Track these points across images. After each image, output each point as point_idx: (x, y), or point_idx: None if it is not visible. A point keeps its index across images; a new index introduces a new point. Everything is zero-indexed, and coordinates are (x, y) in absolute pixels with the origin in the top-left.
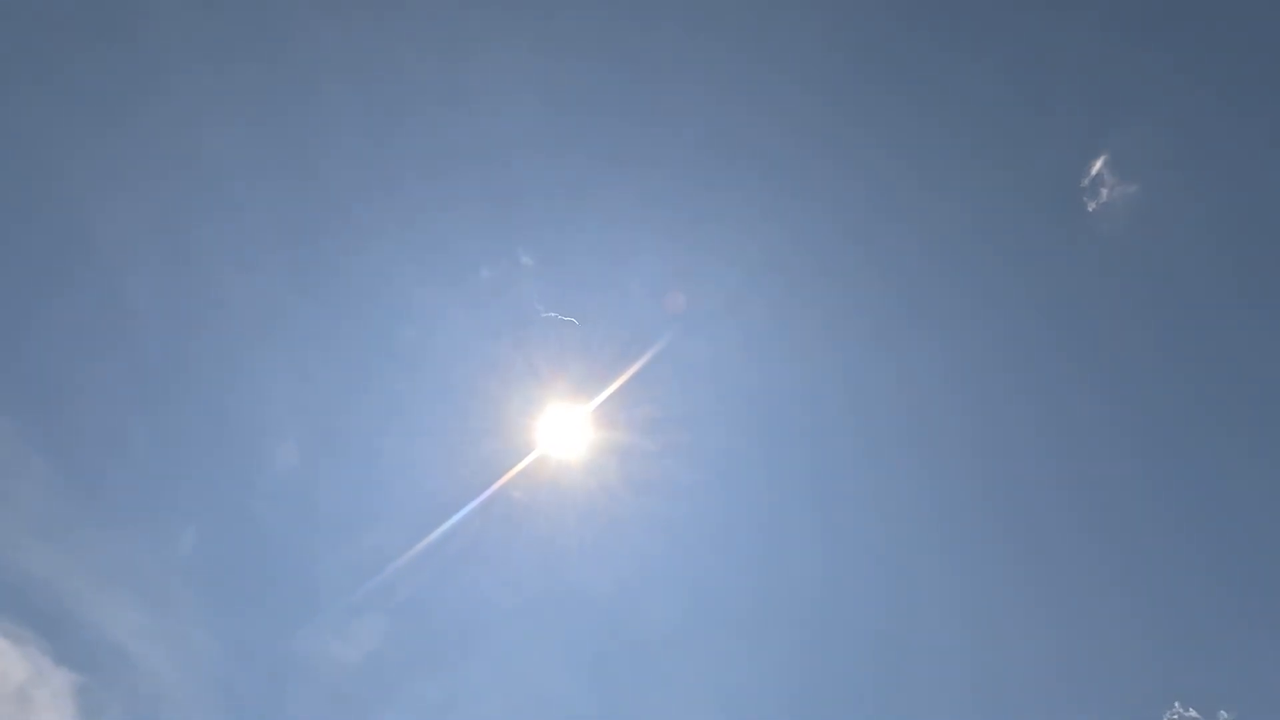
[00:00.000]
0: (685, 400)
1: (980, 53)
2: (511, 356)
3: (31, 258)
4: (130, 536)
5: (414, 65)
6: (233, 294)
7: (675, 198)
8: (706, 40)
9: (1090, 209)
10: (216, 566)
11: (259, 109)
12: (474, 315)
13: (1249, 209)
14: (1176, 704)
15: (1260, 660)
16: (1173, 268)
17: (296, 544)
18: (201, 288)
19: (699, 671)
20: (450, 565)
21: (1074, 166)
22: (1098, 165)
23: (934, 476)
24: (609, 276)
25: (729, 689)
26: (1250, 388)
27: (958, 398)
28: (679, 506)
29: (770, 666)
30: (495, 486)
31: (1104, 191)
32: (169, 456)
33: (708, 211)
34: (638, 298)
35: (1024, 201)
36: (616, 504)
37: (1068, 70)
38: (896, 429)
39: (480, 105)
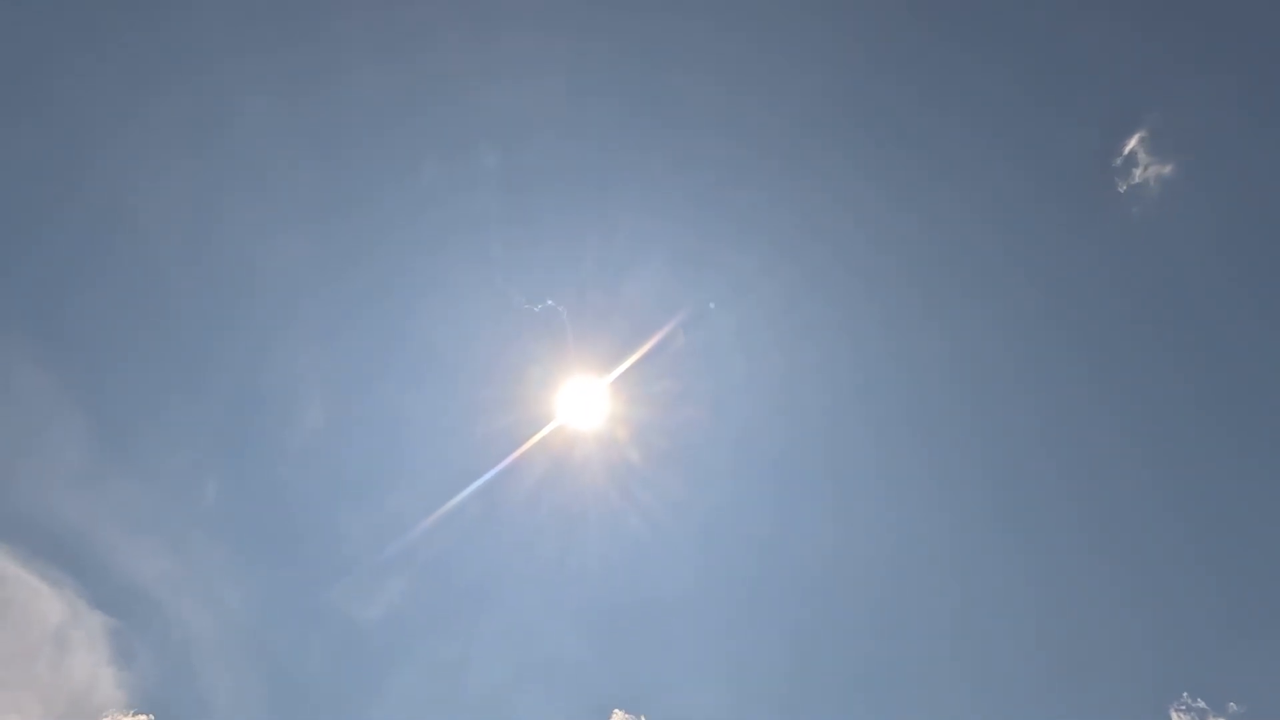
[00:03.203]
0: (699, 376)
1: (1010, 28)
2: (531, 331)
3: (75, 230)
4: (161, 491)
5: (440, 46)
6: (263, 265)
7: (696, 180)
8: (731, 25)
9: (1121, 190)
10: (243, 523)
11: (290, 89)
12: (495, 289)
13: None
14: (1185, 694)
15: (1270, 654)
16: (1203, 255)
17: (321, 505)
18: (233, 258)
19: (704, 637)
20: (469, 530)
21: (1106, 145)
22: (1132, 143)
23: (950, 462)
24: (629, 255)
25: (733, 655)
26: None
27: (972, 384)
28: (690, 478)
29: (774, 635)
30: (514, 455)
31: (1136, 172)
32: (199, 417)
33: (729, 192)
34: (656, 277)
35: (1050, 183)
36: (630, 475)
37: (1105, 45)
38: (912, 414)
39: (504, 88)
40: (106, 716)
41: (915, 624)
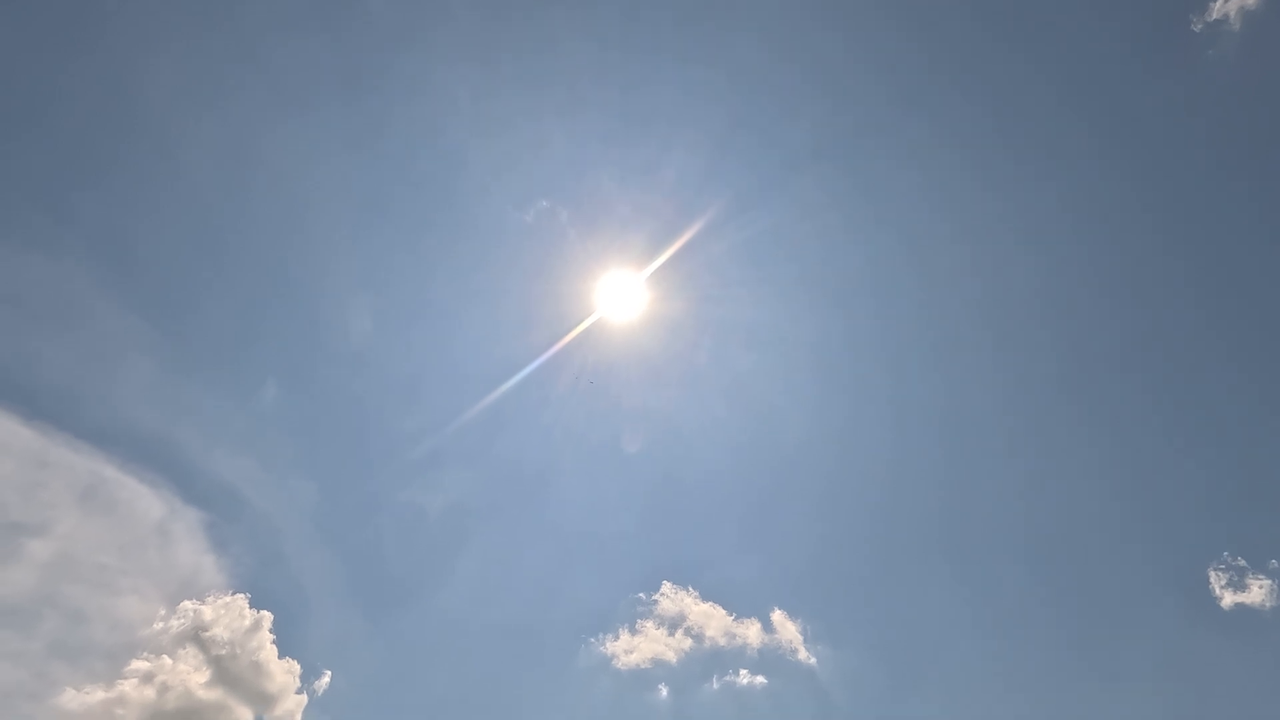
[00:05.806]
0: (736, 268)
1: None
2: (571, 224)
3: (136, 174)
4: (233, 400)
5: None
6: (310, 189)
7: (734, 63)
8: None
9: (1196, 28)
10: (307, 423)
11: (318, 26)
12: (533, 183)
13: None
14: (1226, 553)
15: None
16: None
17: (375, 403)
18: (279, 185)
19: (742, 516)
20: (521, 417)
21: None
22: None
23: (999, 329)
24: (666, 148)
25: (767, 532)
26: None
27: (1020, 254)
28: (725, 367)
29: (804, 514)
30: (557, 346)
31: (1215, 5)
32: (262, 328)
33: (768, 79)
34: (694, 169)
35: (1113, 19)
36: (668, 364)
37: None
38: (957, 283)
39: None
40: (210, 596)
41: (957, 497)
